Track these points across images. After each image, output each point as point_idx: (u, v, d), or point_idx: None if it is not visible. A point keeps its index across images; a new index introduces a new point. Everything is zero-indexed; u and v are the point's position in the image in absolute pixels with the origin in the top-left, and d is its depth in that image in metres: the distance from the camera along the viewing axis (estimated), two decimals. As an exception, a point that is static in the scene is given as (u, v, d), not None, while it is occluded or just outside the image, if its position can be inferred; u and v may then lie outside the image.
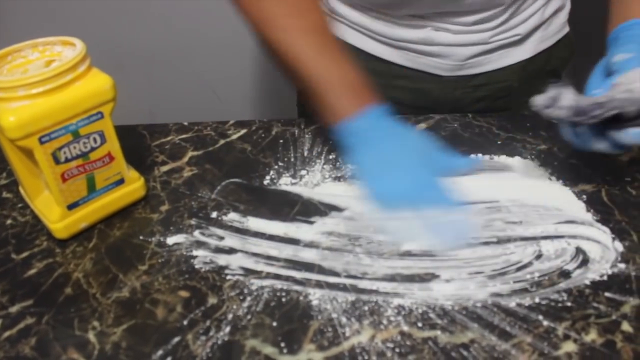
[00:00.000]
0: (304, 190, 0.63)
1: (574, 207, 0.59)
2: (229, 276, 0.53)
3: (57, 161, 0.53)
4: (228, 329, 0.48)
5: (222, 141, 0.72)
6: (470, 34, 0.75)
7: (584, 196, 0.60)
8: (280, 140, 0.71)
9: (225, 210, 0.61)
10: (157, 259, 0.55)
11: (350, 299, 0.50)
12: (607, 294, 0.49)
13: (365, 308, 0.49)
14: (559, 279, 0.51)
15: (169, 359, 0.46)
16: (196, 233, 0.58)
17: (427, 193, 0.58)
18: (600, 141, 0.55)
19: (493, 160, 0.66)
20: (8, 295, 0.52)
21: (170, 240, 0.57)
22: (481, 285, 0.51)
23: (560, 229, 0.56)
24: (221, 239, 0.57)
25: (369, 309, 0.49)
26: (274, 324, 0.48)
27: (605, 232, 0.56)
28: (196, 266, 0.54)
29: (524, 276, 0.51)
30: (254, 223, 0.59)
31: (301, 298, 0.50)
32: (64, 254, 0.56)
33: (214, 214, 0.60)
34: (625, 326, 0.47)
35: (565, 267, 0.52)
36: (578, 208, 0.59)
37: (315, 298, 0.50)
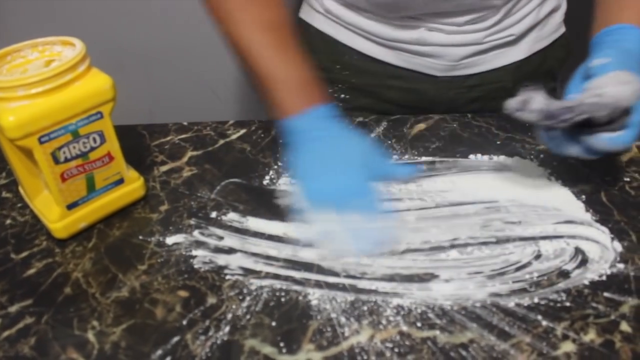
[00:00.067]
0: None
1: (573, 207, 0.59)
2: (228, 276, 0.53)
3: (57, 161, 0.54)
4: (227, 329, 0.48)
5: (222, 141, 0.72)
6: (464, 34, 0.75)
7: (583, 196, 0.60)
8: (280, 141, 0.71)
9: (224, 210, 0.61)
10: (157, 258, 0.55)
11: (349, 298, 0.50)
12: (606, 294, 0.49)
13: (365, 308, 0.49)
14: (558, 279, 0.51)
15: (168, 359, 0.46)
16: (195, 233, 0.58)
17: (356, 198, 0.57)
18: (573, 146, 0.55)
19: (492, 160, 0.66)
20: (7, 295, 0.52)
21: (170, 240, 0.57)
22: (480, 285, 0.51)
23: (559, 229, 0.56)
24: (220, 238, 0.57)
25: (368, 308, 0.49)
26: (273, 324, 0.48)
27: (604, 232, 0.56)
28: (195, 266, 0.54)
29: (523, 276, 0.51)
30: (254, 223, 0.59)
31: (300, 298, 0.50)
32: (63, 254, 0.56)
33: (214, 214, 0.60)
34: (624, 326, 0.47)
35: (564, 267, 0.52)
36: (577, 208, 0.59)
37: (315, 298, 0.50)
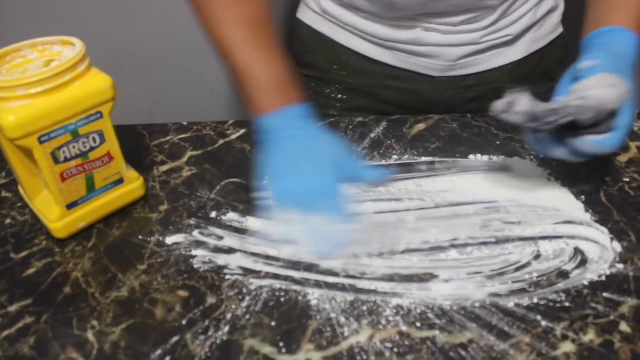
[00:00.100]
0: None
1: (573, 208, 0.59)
2: (228, 276, 0.53)
3: (57, 161, 0.54)
4: (227, 329, 0.48)
5: (222, 141, 0.72)
6: (460, 34, 0.75)
7: (583, 197, 0.60)
8: (280, 140, 0.71)
9: (224, 210, 0.61)
10: (156, 258, 0.55)
11: (349, 299, 0.50)
12: (606, 295, 0.49)
13: (364, 308, 0.49)
14: (558, 280, 0.51)
15: (167, 359, 0.46)
16: (195, 233, 0.58)
17: (324, 199, 0.57)
18: (559, 148, 0.55)
19: (492, 161, 0.66)
20: (7, 295, 0.52)
21: (170, 240, 0.57)
22: (480, 286, 0.51)
23: (559, 229, 0.56)
24: (220, 238, 0.57)
25: (368, 309, 0.49)
26: (273, 324, 0.48)
27: (604, 233, 0.56)
28: (195, 266, 0.54)
29: (523, 276, 0.51)
30: (253, 223, 0.59)
31: (300, 298, 0.50)
32: (63, 254, 0.56)
33: (213, 214, 0.60)
34: (624, 326, 0.47)
35: (564, 268, 0.52)
36: (576, 208, 0.59)
37: (314, 298, 0.50)
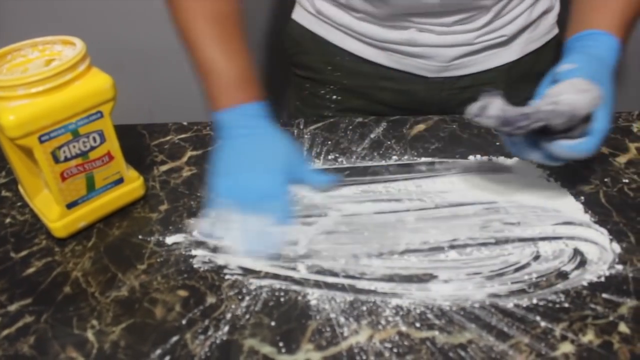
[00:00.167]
0: (304, 191, 0.63)
1: (572, 209, 0.59)
2: (227, 276, 0.53)
3: (57, 160, 0.54)
4: (227, 329, 0.48)
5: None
6: (454, 34, 0.74)
7: (582, 197, 0.61)
8: (280, 141, 0.71)
9: (224, 210, 0.61)
10: (156, 258, 0.55)
11: (348, 299, 0.50)
12: (605, 295, 0.49)
13: (364, 308, 0.49)
14: (557, 280, 0.51)
15: (167, 358, 0.46)
16: (195, 232, 0.58)
17: (266, 200, 0.57)
18: (534, 151, 0.55)
19: (492, 161, 0.66)
20: (7, 294, 0.52)
21: (169, 239, 0.57)
22: (479, 286, 0.51)
23: (558, 230, 0.56)
24: (220, 238, 0.57)
25: (367, 309, 0.49)
26: (273, 324, 0.48)
27: (603, 234, 0.56)
28: (195, 266, 0.54)
29: (522, 277, 0.52)
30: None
31: (299, 298, 0.50)
32: (63, 253, 0.56)
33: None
34: (623, 327, 0.47)
35: (563, 269, 0.52)
36: (576, 209, 0.59)
37: (314, 298, 0.50)
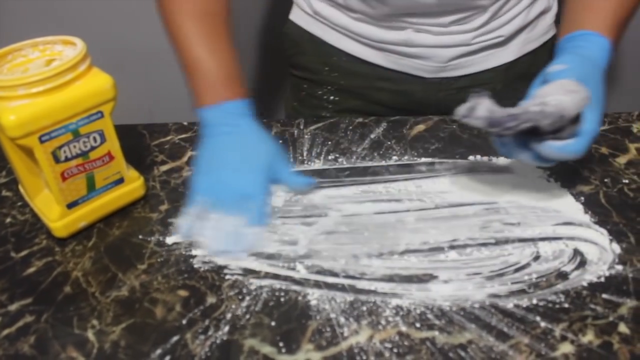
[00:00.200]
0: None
1: (572, 209, 0.59)
2: (227, 276, 0.53)
3: (57, 160, 0.54)
4: (227, 329, 0.48)
5: (222, 141, 0.72)
6: (451, 35, 0.74)
7: (582, 198, 0.61)
8: (280, 141, 0.71)
9: (224, 210, 0.61)
10: (156, 258, 0.55)
11: (348, 299, 0.50)
12: (605, 296, 0.50)
13: (364, 308, 0.49)
14: (557, 281, 0.51)
15: (167, 358, 0.46)
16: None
17: (244, 200, 0.57)
18: (523, 152, 0.54)
19: (492, 162, 0.66)
20: (7, 294, 0.52)
21: (170, 239, 0.57)
22: (479, 286, 0.51)
23: (558, 230, 0.57)
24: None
25: (367, 309, 0.49)
26: (273, 324, 0.48)
27: (603, 234, 0.56)
28: (195, 266, 0.54)
29: (522, 277, 0.52)
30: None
31: (300, 298, 0.50)
32: (63, 253, 0.56)
33: (213, 214, 0.60)
34: (622, 328, 0.47)
35: (563, 269, 0.52)
36: (576, 210, 0.59)
37: (314, 298, 0.50)
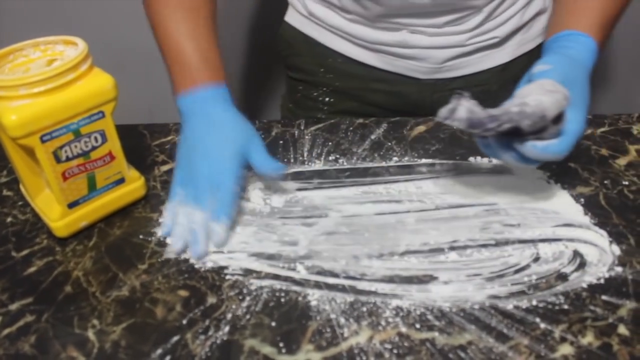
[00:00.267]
0: (304, 191, 0.63)
1: (572, 210, 0.59)
2: (228, 276, 0.53)
3: (58, 160, 0.54)
4: (227, 329, 0.48)
5: (222, 141, 0.72)
6: (446, 36, 0.74)
7: (582, 199, 0.61)
8: (280, 141, 0.71)
9: (225, 210, 0.61)
10: (157, 258, 0.55)
11: (348, 299, 0.50)
12: (604, 297, 0.50)
13: (364, 309, 0.49)
14: (557, 282, 0.51)
15: (168, 358, 0.46)
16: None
17: (213, 190, 0.56)
18: (507, 153, 0.54)
19: (492, 163, 0.66)
20: (8, 293, 0.52)
21: (170, 239, 0.57)
22: (479, 288, 0.51)
23: (558, 232, 0.57)
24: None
25: (368, 310, 0.49)
26: (273, 324, 0.48)
27: (603, 236, 0.56)
28: (196, 266, 0.54)
29: (522, 279, 0.52)
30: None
31: (300, 298, 0.51)
32: (64, 253, 0.56)
33: (214, 214, 0.60)
34: (622, 329, 0.47)
35: (563, 270, 0.52)
36: (576, 211, 0.59)
37: (314, 299, 0.50)
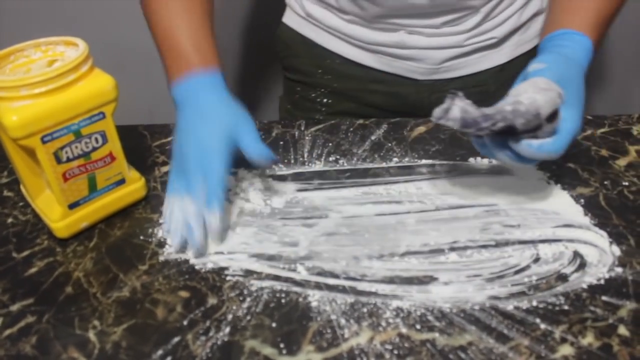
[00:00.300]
0: (305, 192, 0.63)
1: (572, 211, 0.59)
2: (228, 277, 0.53)
3: (59, 161, 0.54)
4: (228, 330, 0.48)
5: (223, 142, 0.72)
6: (444, 36, 0.74)
7: (582, 200, 0.61)
8: (281, 142, 0.71)
9: (225, 211, 0.61)
10: (158, 258, 0.55)
11: (349, 300, 0.50)
12: (604, 298, 0.50)
13: (364, 310, 0.49)
14: (557, 283, 0.51)
15: (168, 359, 0.46)
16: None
17: (203, 180, 0.55)
18: (502, 152, 0.54)
19: (492, 164, 0.66)
20: (9, 294, 0.52)
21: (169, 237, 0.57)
22: (479, 288, 0.51)
23: (558, 232, 0.57)
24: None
25: (368, 310, 0.49)
26: (274, 325, 0.48)
27: (603, 236, 0.56)
28: (196, 267, 0.54)
29: (522, 279, 0.52)
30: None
31: (300, 299, 0.51)
32: (64, 253, 0.56)
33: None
34: (622, 330, 0.47)
35: (563, 271, 0.52)
36: (576, 212, 0.59)
37: (315, 299, 0.50)
